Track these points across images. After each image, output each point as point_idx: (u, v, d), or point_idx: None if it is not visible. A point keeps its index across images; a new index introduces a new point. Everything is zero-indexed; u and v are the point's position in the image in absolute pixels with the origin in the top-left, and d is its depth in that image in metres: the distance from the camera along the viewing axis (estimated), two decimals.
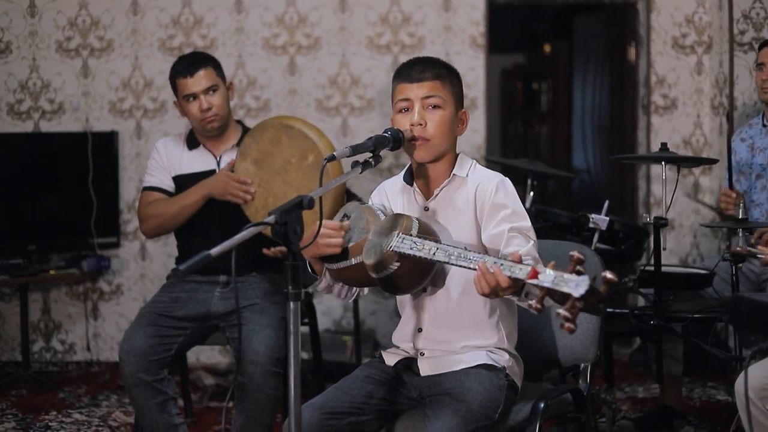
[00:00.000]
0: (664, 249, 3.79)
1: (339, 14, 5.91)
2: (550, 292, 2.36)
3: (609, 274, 2.30)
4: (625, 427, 4.41)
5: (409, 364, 2.93)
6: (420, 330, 2.92)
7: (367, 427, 2.84)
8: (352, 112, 5.94)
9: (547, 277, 2.36)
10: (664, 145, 3.86)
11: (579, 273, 2.33)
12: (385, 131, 2.81)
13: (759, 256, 3.23)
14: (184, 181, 4.07)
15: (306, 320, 4.38)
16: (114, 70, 5.86)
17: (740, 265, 3.75)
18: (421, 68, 2.89)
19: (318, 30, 5.92)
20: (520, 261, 2.48)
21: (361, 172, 2.73)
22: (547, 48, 9.11)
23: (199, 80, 3.98)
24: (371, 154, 2.75)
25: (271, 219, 2.39)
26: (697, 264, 4.40)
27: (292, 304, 2.43)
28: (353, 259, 2.77)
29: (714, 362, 5.13)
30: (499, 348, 2.88)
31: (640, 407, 4.85)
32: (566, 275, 2.33)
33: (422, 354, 2.90)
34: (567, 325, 2.31)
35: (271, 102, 5.91)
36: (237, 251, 2.34)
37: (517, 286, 2.49)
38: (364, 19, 5.92)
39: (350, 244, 2.79)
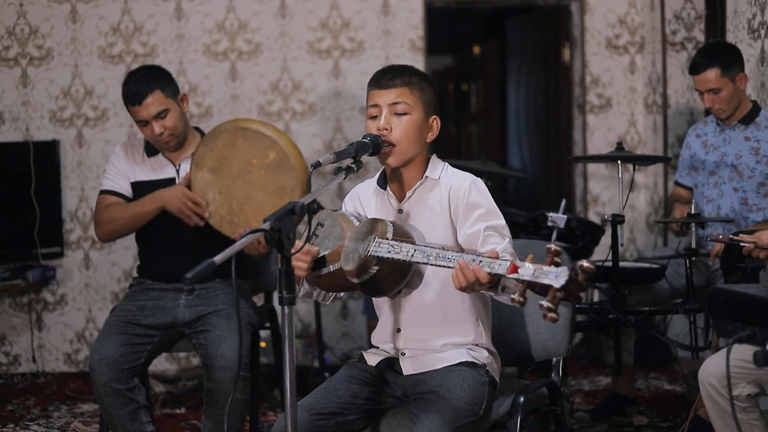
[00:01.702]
0: (622, 245, 3.92)
1: (279, 20, 5.94)
2: (530, 285, 2.45)
3: (586, 264, 2.41)
4: (582, 419, 4.53)
5: (390, 363, 2.99)
6: (399, 330, 2.98)
7: (354, 426, 2.90)
8: (294, 117, 5.98)
9: (527, 270, 2.46)
10: (620, 145, 3.98)
11: (557, 264, 2.43)
12: (364, 137, 2.87)
13: (742, 244, 3.36)
14: (141, 188, 4.04)
15: (267, 324, 4.40)
16: (54, 79, 5.82)
17: (693, 258, 3.91)
18: (391, 75, 2.96)
19: (258, 36, 5.95)
20: (497, 257, 2.57)
21: (344, 178, 2.78)
22: (477, 50, 9.25)
23: (147, 107, 3.90)
24: (353, 160, 2.81)
25: (266, 225, 2.43)
26: (651, 257, 4.53)
27: (286, 308, 2.48)
28: (332, 266, 2.82)
29: (671, 352, 5.31)
30: (478, 345, 2.96)
31: (591, 399, 4.98)
32: (545, 267, 2.43)
33: (403, 354, 2.96)
34: (550, 315, 2.41)
35: (213, 108, 5.92)
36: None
37: (495, 281, 2.58)
38: (304, 25, 5.97)
39: (326, 252, 2.84)
